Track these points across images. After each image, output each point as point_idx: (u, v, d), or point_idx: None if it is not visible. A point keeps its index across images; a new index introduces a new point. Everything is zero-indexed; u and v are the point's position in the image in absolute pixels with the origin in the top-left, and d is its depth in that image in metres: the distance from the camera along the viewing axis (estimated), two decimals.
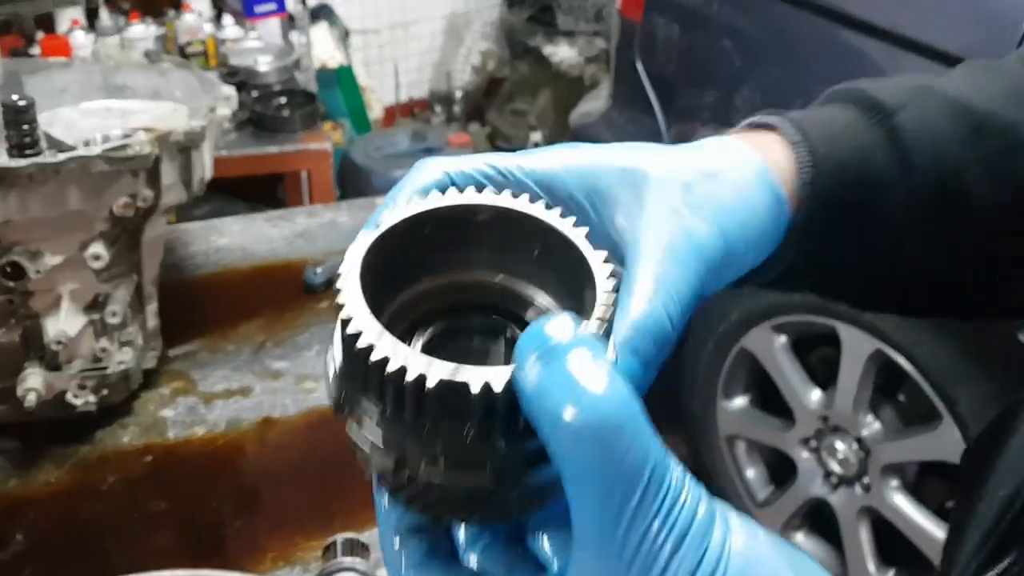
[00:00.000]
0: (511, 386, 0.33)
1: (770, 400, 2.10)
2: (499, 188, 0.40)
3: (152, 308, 1.12)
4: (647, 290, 0.39)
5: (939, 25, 1.70)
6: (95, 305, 1.04)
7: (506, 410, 0.34)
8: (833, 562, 2.06)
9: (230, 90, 1.20)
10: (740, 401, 2.14)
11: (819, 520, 2.09)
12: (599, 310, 0.36)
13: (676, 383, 2.24)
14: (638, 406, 0.31)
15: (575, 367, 0.31)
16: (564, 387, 0.31)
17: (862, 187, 0.50)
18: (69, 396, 1.03)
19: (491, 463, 0.35)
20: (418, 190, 0.41)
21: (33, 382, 0.99)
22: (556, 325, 0.32)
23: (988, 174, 0.51)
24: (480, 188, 0.39)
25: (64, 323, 1.00)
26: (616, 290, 0.36)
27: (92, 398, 1.04)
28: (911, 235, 0.51)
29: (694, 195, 0.43)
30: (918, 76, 0.55)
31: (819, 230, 0.49)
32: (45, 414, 1.03)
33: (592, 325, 0.35)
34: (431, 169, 0.42)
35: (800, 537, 2.11)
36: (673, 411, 2.32)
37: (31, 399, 0.99)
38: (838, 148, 0.49)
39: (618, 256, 0.42)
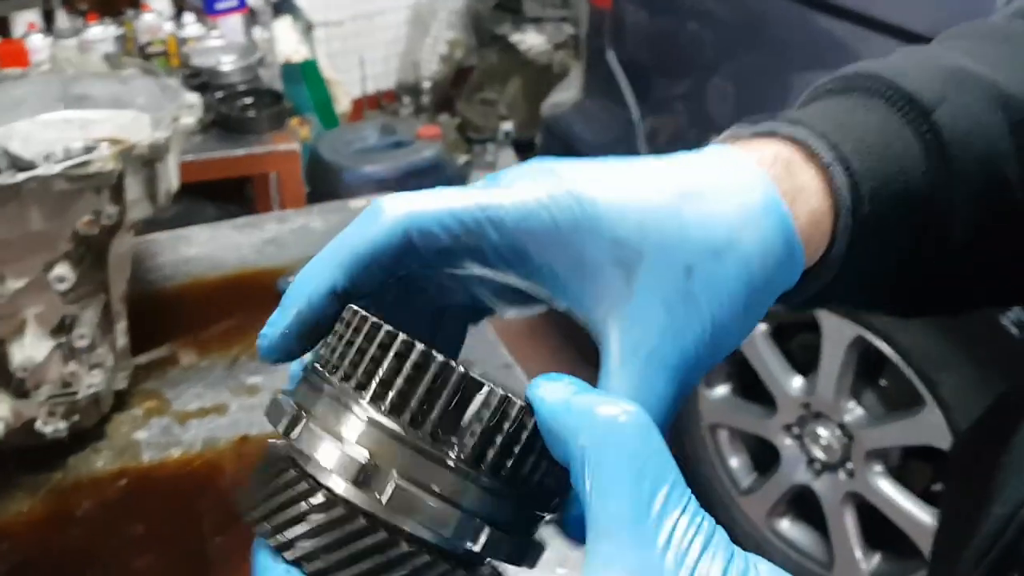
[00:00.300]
0: (527, 411, 0.34)
1: (751, 388, 2.09)
2: (469, 253, 0.37)
3: (121, 327, 1.08)
4: None
5: (913, 6, 1.69)
6: (62, 328, 1.00)
7: (508, 438, 0.34)
8: (819, 548, 2.06)
9: (194, 97, 1.16)
10: (721, 390, 2.14)
11: (804, 507, 2.09)
12: None
13: None
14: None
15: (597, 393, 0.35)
16: (593, 397, 0.33)
17: (903, 204, 0.44)
18: (38, 424, 0.99)
19: (461, 501, 0.34)
20: (373, 245, 0.37)
21: (0, 411, 0.96)
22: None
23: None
24: (446, 253, 0.37)
25: (30, 348, 0.97)
26: None
27: (62, 424, 1.00)
28: (955, 245, 0.46)
29: (693, 282, 0.37)
30: (940, 54, 0.49)
31: (854, 258, 0.44)
32: (14, 442, 1.00)
33: None
34: (390, 222, 0.37)
35: (785, 524, 2.11)
36: None
37: None
38: (876, 165, 0.43)
39: (594, 335, 0.38)
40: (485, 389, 0.33)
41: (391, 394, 0.34)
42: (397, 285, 0.40)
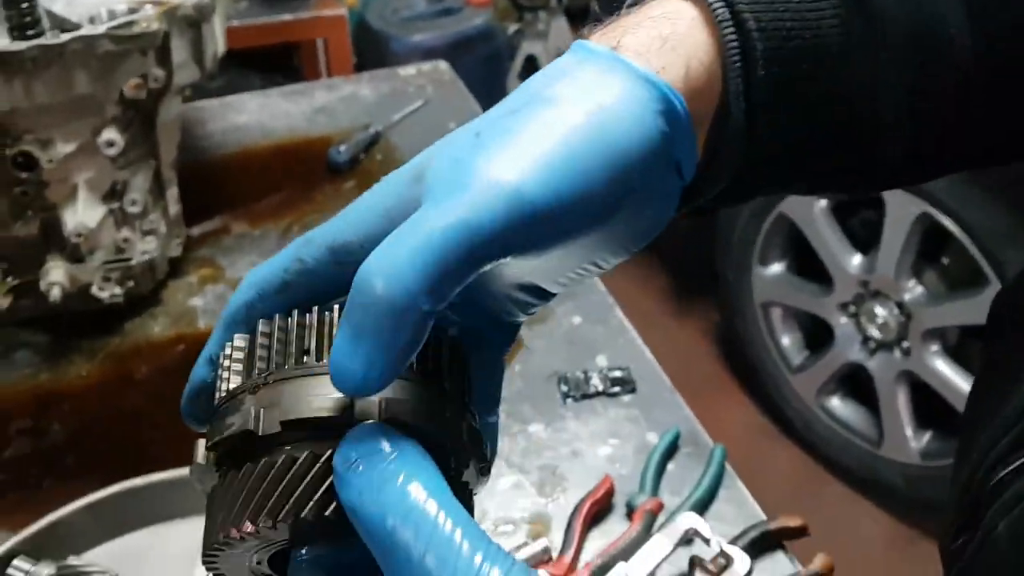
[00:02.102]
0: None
1: (807, 266, 2.05)
2: (311, 280, 0.37)
3: (173, 193, 1.07)
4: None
5: None
6: (113, 194, 0.99)
7: None
8: (868, 425, 2.06)
9: None
10: (776, 267, 2.10)
11: (854, 385, 2.08)
12: None
13: (710, 249, 2.19)
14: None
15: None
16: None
17: (812, 61, 0.39)
18: (94, 289, 1.00)
19: None
20: (229, 317, 0.38)
21: (56, 276, 0.96)
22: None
23: (973, 12, 0.41)
24: (291, 289, 0.37)
25: (82, 214, 0.96)
26: None
27: (118, 290, 1.01)
28: (882, 102, 0.41)
29: (483, 137, 0.34)
30: None
31: (766, 122, 0.39)
32: (71, 307, 1.01)
33: None
34: (243, 289, 0.38)
35: (835, 402, 2.10)
36: (707, 277, 2.29)
37: (55, 293, 0.96)
38: (778, 19, 0.39)
39: None
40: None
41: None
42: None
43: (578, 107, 0.35)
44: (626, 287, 2.18)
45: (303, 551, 0.34)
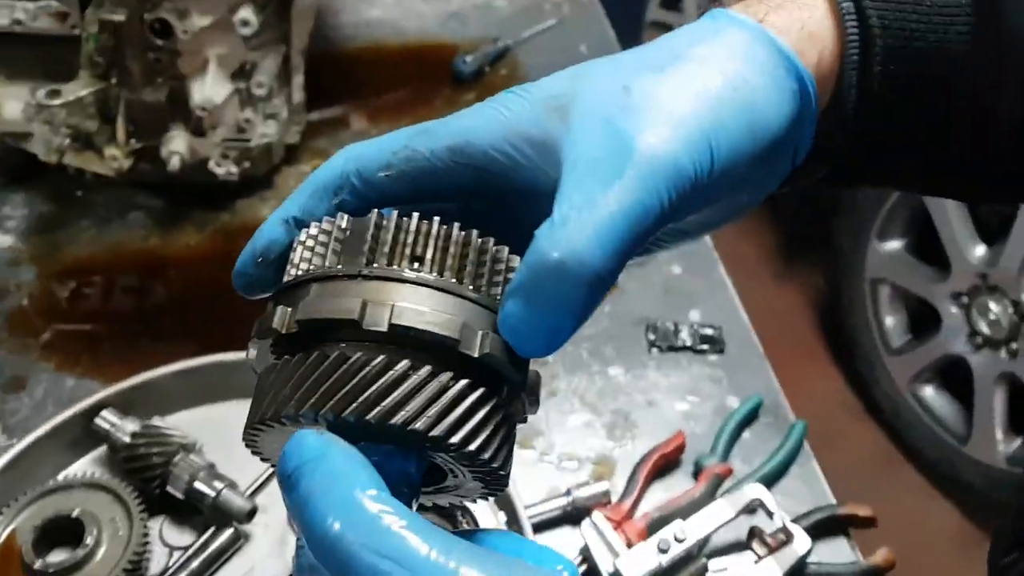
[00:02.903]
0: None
1: (926, 247, 1.97)
2: (416, 168, 0.37)
3: (298, 81, 1.08)
4: (559, 219, 0.32)
5: None
6: (242, 73, 1.01)
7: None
8: (958, 421, 1.99)
9: None
10: (894, 244, 2.02)
11: (951, 377, 2.01)
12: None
13: (828, 214, 2.12)
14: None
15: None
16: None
17: (934, 63, 0.39)
18: (212, 164, 1.02)
19: None
20: (323, 181, 0.38)
21: (177, 145, 0.99)
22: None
23: None
24: (393, 170, 0.37)
25: (210, 88, 0.98)
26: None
27: (234, 168, 1.03)
28: (999, 108, 0.41)
29: (634, 96, 0.34)
30: None
31: (875, 116, 0.39)
32: (188, 179, 1.04)
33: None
34: (344, 159, 0.38)
35: (929, 391, 2.04)
36: (818, 241, 2.22)
37: (174, 162, 0.98)
38: (904, 17, 0.39)
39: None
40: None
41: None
42: None
43: (724, 75, 0.35)
44: (732, 239, 2.13)
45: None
